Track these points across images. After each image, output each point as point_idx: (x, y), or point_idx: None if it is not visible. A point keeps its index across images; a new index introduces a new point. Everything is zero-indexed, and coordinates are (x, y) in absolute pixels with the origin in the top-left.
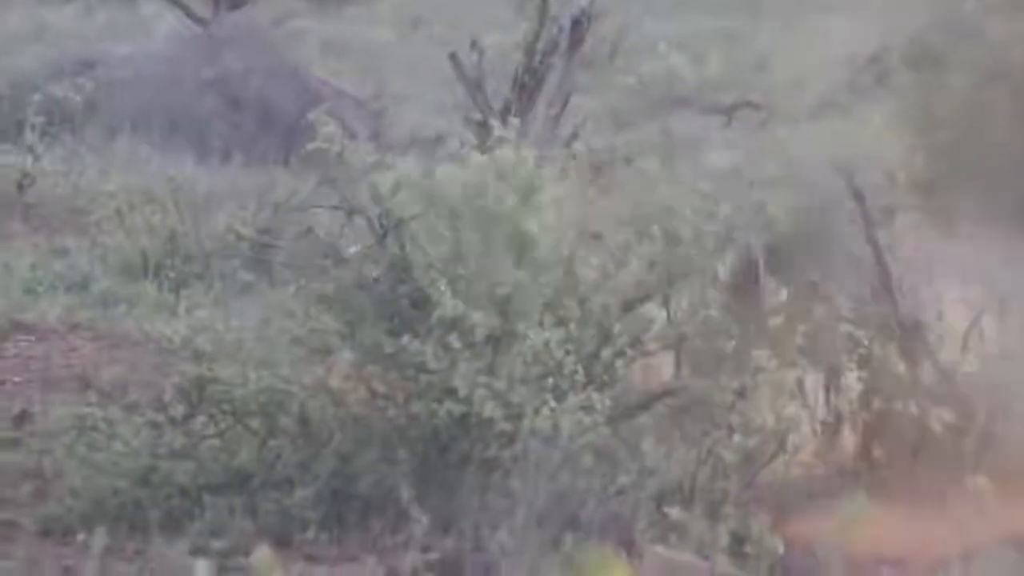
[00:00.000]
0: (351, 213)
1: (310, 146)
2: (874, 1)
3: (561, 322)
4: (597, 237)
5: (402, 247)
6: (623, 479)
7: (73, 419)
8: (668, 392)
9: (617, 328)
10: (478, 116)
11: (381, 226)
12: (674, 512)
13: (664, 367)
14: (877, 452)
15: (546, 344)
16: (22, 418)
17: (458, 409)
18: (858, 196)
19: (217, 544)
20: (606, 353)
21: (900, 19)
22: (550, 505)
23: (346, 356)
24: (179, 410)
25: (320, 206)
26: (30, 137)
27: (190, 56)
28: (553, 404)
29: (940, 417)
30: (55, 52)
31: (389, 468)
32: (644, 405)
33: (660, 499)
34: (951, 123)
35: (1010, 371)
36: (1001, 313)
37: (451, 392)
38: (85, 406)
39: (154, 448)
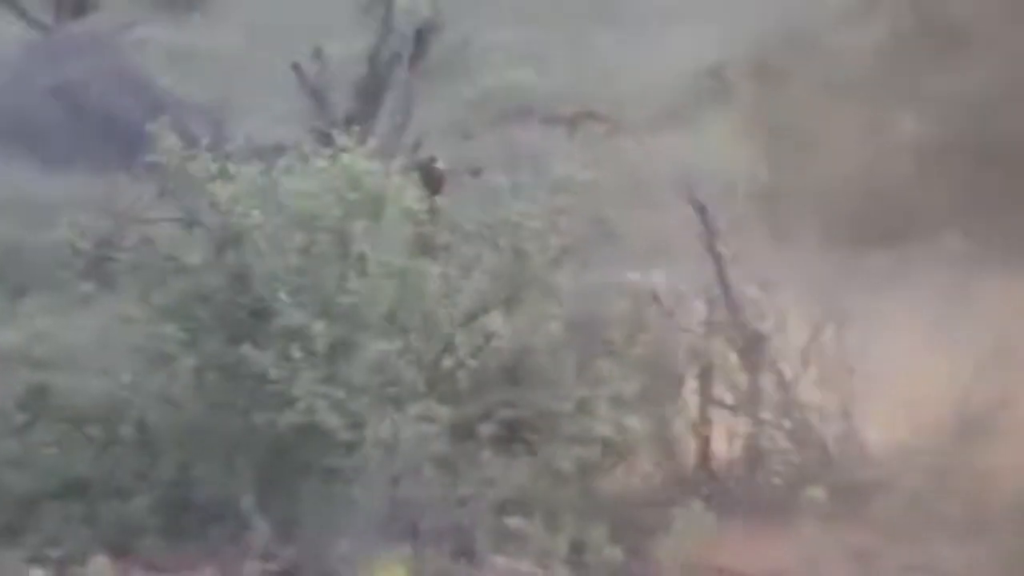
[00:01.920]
0: (191, 224)
1: (149, 158)
2: (716, 13)
3: (401, 332)
4: (444, 248)
5: (242, 257)
6: (463, 489)
7: None
8: (508, 403)
9: (458, 338)
10: (321, 126)
11: (220, 236)
12: (514, 521)
13: None
14: (716, 463)
15: (386, 354)
16: None
17: (299, 419)
18: (700, 208)
19: (55, 552)
20: (447, 363)
21: (742, 31)
22: (390, 514)
23: (186, 364)
24: (18, 419)
25: (161, 219)
26: None
27: (32, 64)
28: (394, 414)
29: (772, 437)
30: None
31: (229, 477)
32: (484, 415)
33: (500, 509)
34: (793, 135)
35: (849, 384)
36: (841, 326)
37: (292, 402)
38: None
39: None
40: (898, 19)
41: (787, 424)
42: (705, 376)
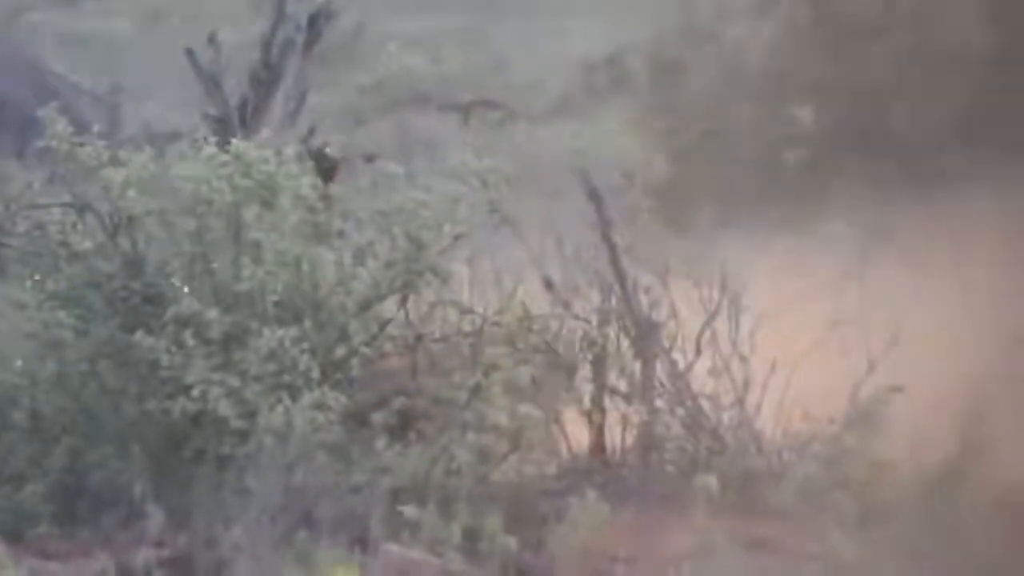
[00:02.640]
0: (82, 210)
1: (39, 143)
2: (611, 4)
3: (296, 320)
4: (339, 235)
5: (134, 244)
6: (357, 477)
7: None
8: (402, 391)
9: (353, 327)
10: (215, 112)
11: (112, 223)
12: (408, 510)
13: None
14: (609, 451)
15: (280, 342)
16: None
17: (192, 406)
18: (594, 197)
19: None
20: (341, 351)
21: (639, 22)
22: (284, 502)
23: (79, 351)
24: None
25: (51, 205)
26: None
27: None
28: (288, 402)
29: (666, 425)
30: None
31: (122, 464)
32: (379, 403)
33: (394, 497)
34: (688, 125)
35: (742, 371)
36: (734, 314)
37: (185, 389)
38: None
39: None
40: (795, 11)
41: (680, 412)
42: (599, 364)
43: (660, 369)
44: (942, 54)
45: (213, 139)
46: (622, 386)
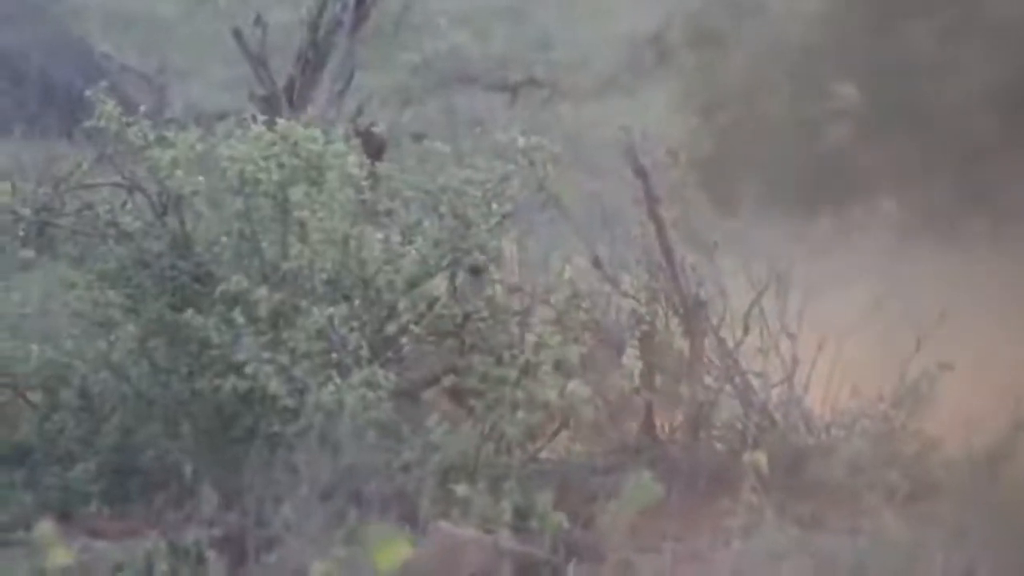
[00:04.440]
0: (131, 189)
1: (88, 123)
2: None
3: (345, 298)
4: (387, 214)
5: (182, 223)
6: (407, 455)
7: None
8: (452, 369)
9: (402, 304)
10: (262, 92)
11: (161, 202)
12: (458, 488)
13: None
14: (659, 429)
15: (330, 320)
16: None
17: (242, 384)
18: (641, 173)
19: None
20: (391, 329)
21: None
22: (334, 480)
23: (129, 330)
24: None
25: (100, 184)
26: None
27: None
28: (337, 380)
29: (715, 403)
30: None
31: (172, 443)
32: (429, 382)
33: (444, 475)
34: (732, 101)
35: (790, 348)
36: (782, 292)
37: (234, 367)
38: None
39: None
40: None
41: (729, 390)
42: (647, 341)
43: (708, 346)
44: (988, 29)
45: (261, 118)
46: (671, 364)
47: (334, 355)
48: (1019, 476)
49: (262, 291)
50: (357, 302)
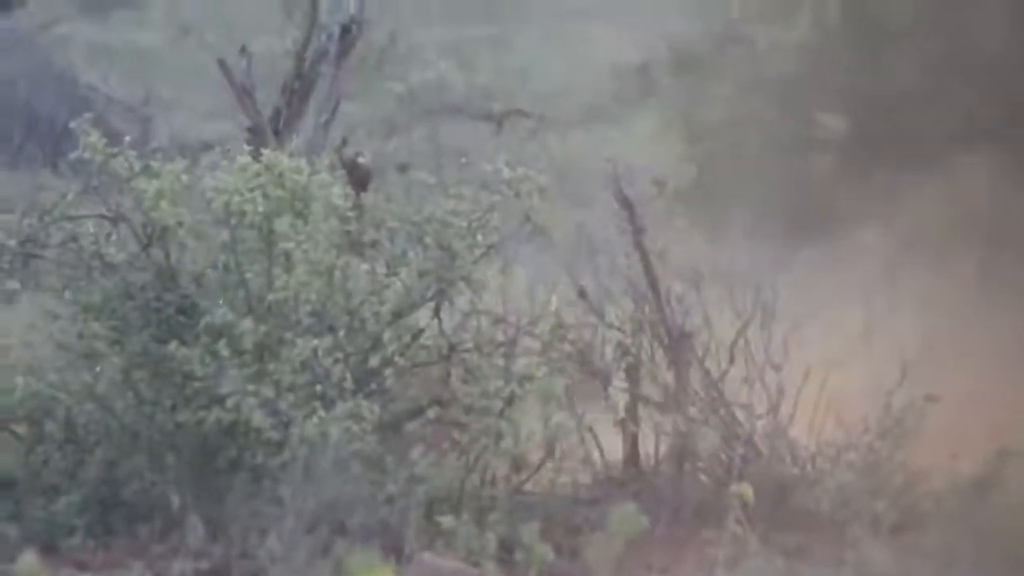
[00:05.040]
0: (116, 221)
1: (72, 155)
2: (640, 10)
3: (329, 330)
4: (372, 245)
5: (167, 255)
6: (392, 487)
7: None
8: (437, 401)
9: (386, 336)
10: (248, 123)
11: (145, 234)
12: (443, 520)
13: None
14: (643, 461)
15: (314, 352)
16: None
17: (226, 417)
18: (626, 204)
19: None
20: (375, 361)
21: (666, 29)
22: (319, 512)
23: (113, 362)
24: None
25: (85, 216)
26: None
27: None
28: (322, 412)
29: (700, 434)
30: None
31: (157, 475)
32: (413, 413)
33: (429, 506)
34: (717, 131)
35: (775, 379)
36: (767, 322)
37: (219, 400)
38: None
39: None
40: (822, 16)
41: (715, 421)
42: (632, 373)
43: (694, 378)
44: (971, 59)
45: (247, 148)
46: (656, 395)
47: (318, 387)
48: (1005, 506)
49: (247, 323)
50: (342, 333)
